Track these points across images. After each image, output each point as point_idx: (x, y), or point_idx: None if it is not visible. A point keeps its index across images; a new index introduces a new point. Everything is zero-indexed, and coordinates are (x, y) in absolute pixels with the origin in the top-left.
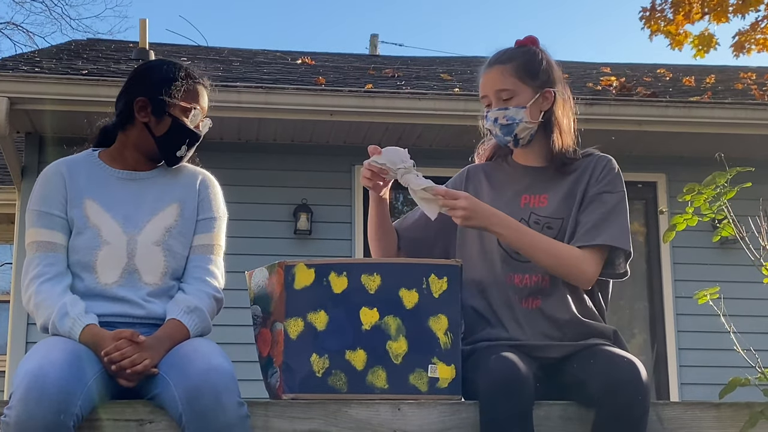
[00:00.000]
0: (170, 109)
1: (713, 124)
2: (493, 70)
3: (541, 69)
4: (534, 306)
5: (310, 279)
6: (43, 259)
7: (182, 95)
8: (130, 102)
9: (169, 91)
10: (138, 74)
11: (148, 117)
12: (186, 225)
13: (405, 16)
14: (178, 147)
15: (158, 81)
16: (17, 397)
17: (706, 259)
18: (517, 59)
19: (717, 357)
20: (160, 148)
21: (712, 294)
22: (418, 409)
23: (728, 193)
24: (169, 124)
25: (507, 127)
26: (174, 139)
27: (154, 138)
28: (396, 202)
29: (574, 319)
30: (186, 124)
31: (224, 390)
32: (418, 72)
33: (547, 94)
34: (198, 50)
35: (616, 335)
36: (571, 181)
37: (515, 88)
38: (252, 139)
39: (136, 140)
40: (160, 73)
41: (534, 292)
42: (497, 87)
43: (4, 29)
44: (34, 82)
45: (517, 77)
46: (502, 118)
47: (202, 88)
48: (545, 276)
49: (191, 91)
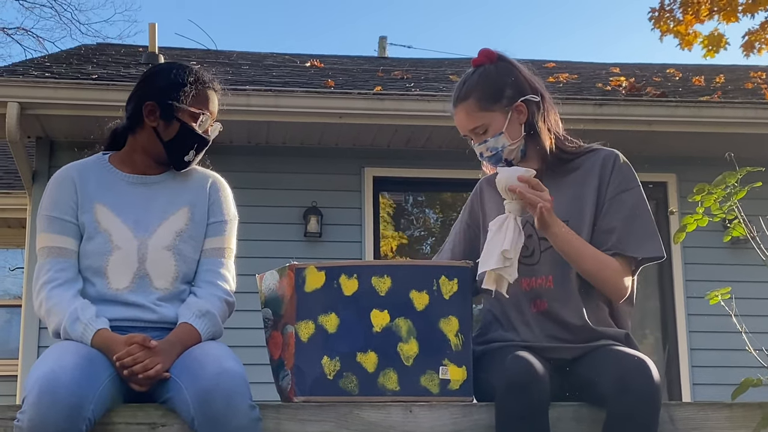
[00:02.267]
0: (179, 113)
1: (723, 124)
2: (458, 111)
3: (503, 87)
4: (542, 308)
5: (320, 281)
6: (54, 264)
7: (191, 100)
8: (139, 106)
9: (177, 96)
10: (147, 77)
11: (156, 121)
12: (197, 229)
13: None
14: (186, 152)
15: (167, 85)
16: (30, 401)
17: (717, 259)
18: (475, 91)
19: (729, 357)
20: (168, 152)
21: (723, 294)
22: (430, 410)
23: (739, 192)
24: (177, 129)
25: (493, 157)
26: (182, 143)
27: (163, 142)
28: (405, 205)
29: (583, 322)
30: (194, 129)
31: (236, 393)
32: (426, 74)
33: (519, 107)
34: (207, 54)
35: (628, 338)
36: (576, 180)
37: (485, 120)
38: (261, 142)
39: (145, 144)
40: (169, 78)
41: (540, 294)
42: (468, 127)
43: (14, 34)
44: (44, 87)
45: (482, 110)
46: (486, 150)
47: (212, 92)
48: (548, 277)
49: (200, 95)
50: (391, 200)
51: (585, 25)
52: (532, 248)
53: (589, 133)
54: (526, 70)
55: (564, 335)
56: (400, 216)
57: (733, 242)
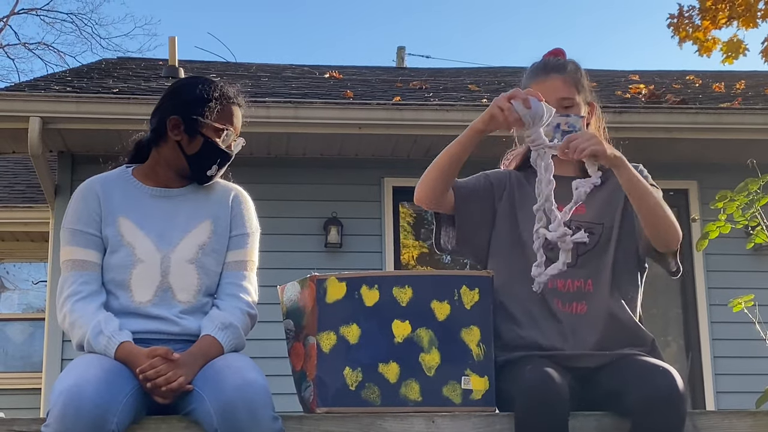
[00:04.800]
0: (202, 129)
1: (744, 131)
2: (551, 78)
3: (586, 81)
4: (579, 311)
5: (341, 292)
6: (77, 277)
7: (215, 116)
8: (164, 119)
9: (202, 111)
10: (172, 92)
11: (180, 135)
12: (219, 242)
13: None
14: (209, 166)
15: (192, 100)
16: (54, 414)
17: (740, 266)
18: (570, 70)
19: (753, 365)
20: (191, 166)
21: (746, 301)
22: (452, 421)
23: (761, 199)
24: (200, 144)
25: (567, 134)
26: (205, 158)
27: (186, 156)
28: (425, 214)
29: (619, 323)
30: (218, 145)
31: (259, 405)
32: (445, 83)
33: (592, 105)
34: (227, 66)
35: (654, 344)
36: (608, 188)
37: (574, 97)
38: (281, 154)
39: (168, 157)
40: (194, 92)
41: (578, 297)
42: (560, 95)
43: (35, 49)
44: (66, 102)
45: (574, 87)
46: (564, 124)
47: (236, 108)
48: (587, 280)
49: (225, 111)
50: (411, 210)
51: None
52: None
53: (609, 140)
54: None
55: (595, 337)
56: (420, 226)
57: (756, 249)
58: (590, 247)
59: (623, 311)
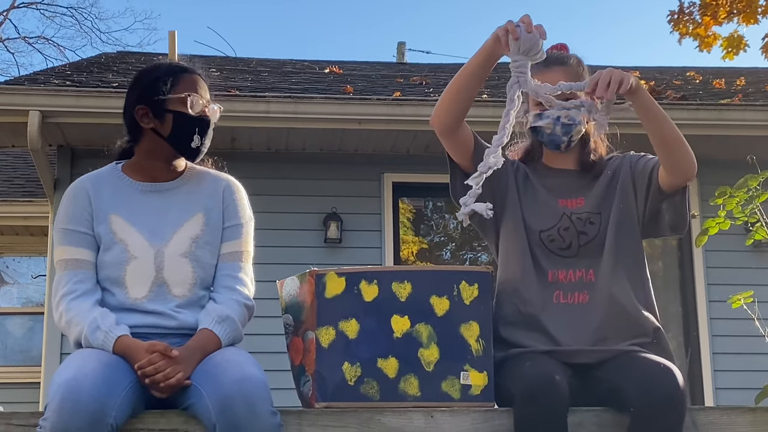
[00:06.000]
0: (167, 105)
1: (744, 127)
2: (553, 70)
3: (588, 77)
4: (581, 300)
5: (340, 287)
6: (72, 276)
7: (174, 88)
8: (132, 114)
9: (158, 89)
10: (130, 87)
11: (151, 121)
12: (212, 234)
13: (432, 24)
14: (190, 138)
15: (147, 84)
16: (52, 408)
17: (740, 262)
18: (572, 63)
19: (752, 361)
20: (174, 145)
21: (746, 298)
22: (451, 416)
23: (761, 196)
24: (172, 120)
25: (567, 126)
26: (183, 133)
27: (165, 139)
28: (425, 210)
29: (621, 310)
30: (188, 114)
31: (257, 399)
32: (445, 79)
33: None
34: (227, 61)
35: (657, 334)
36: (604, 182)
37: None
38: (281, 149)
39: (151, 148)
40: (146, 77)
41: (580, 287)
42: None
43: (35, 43)
44: (65, 96)
45: (574, 80)
46: (565, 117)
47: (194, 76)
48: (589, 270)
49: (182, 81)
50: (411, 206)
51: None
52: (569, 241)
53: (609, 137)
54: None
55: (598, 327)
56: (419, 222)
57: (756, 245)
58: (591, 238)
59: (628, 297)
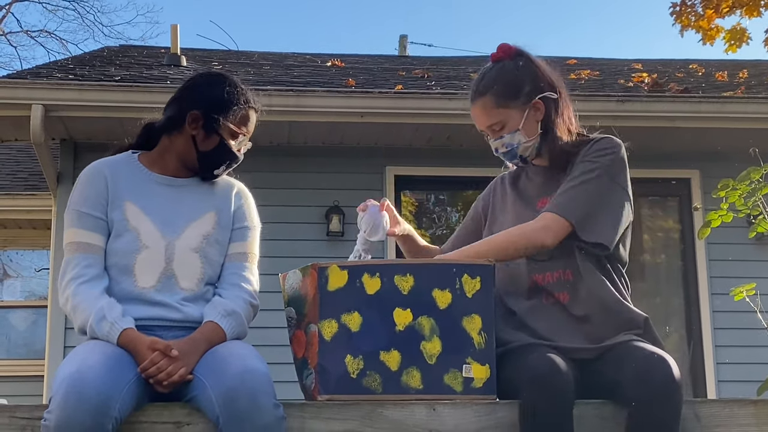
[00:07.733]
0: (220, 129)
1: (747, 119)
2: (475, 107)
3: (521, 84)
4: (563, 300)
5: (343, 280)
6: (81, 260)
7: (234, 116)
8: (183, 111)
9: (225, 113)
10: (198, 86)
11: (197, 131)
12: (222, 233)
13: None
14: (218, 166)
15: (217, 100)
16: (56, 401)
17: (742, 255)
18: (494, 86)
19: (754, 354)
20: (201, 163)
21: (748, 290)
22: (454, 409)
23: (763, 188)
24: (215, 143)
25: (509, 153)
26: (216, 158)
27: (198, 152)
28: (427, 203)
29: (605, 305)
30: (231, 147)
31: (260, 392)
32: (447, 72)
33: (536, 105)
34: (229, 54)
35: (647, 324)
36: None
37: (502, 117)
38: (283, 142)
39: (180, 149)
40: (220, 92)
41: (559, 287)
42: (485, 123)
43: (37, 37)
44: (68, 89)
45: (499, 106)
46: (501, 147)
47: (252, 112)
48: (566, 270)
49: (244, 116)
50: (413, 199)
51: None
52: None
53: (611, 129)
54: (544, 66)
55: (584, 325)
56: (422, 214)
57: (758, 238)
58: None
59: (608, 292)
